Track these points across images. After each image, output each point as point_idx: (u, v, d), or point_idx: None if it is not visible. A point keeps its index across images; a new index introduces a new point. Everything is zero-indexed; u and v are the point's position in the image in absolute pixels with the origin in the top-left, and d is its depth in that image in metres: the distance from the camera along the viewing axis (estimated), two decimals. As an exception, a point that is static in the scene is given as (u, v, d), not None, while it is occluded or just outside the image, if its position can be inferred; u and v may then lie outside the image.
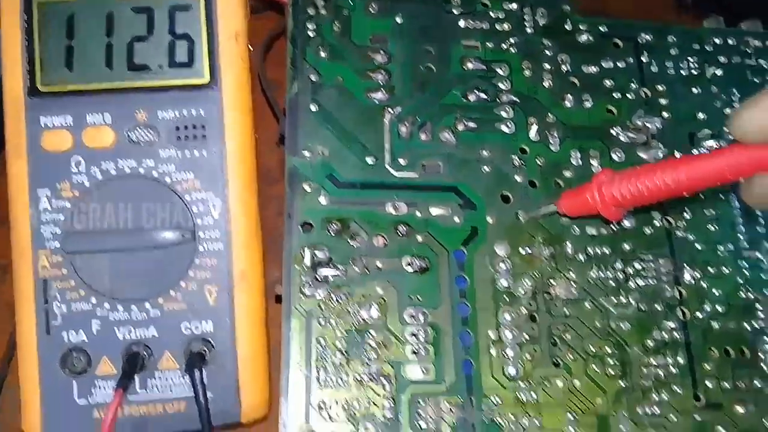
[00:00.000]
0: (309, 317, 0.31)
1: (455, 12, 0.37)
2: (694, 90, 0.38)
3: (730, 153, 0.26)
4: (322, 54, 0.35)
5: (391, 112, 0.34)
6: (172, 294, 0.32)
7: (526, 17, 0.38)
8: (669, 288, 0.35)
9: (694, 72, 0.39)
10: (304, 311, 0.31)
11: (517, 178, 0.35)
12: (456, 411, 0.31)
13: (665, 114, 0.37)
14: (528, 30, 0.37)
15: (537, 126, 0.36)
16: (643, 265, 0.35)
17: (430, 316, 0.32)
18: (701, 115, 0.38)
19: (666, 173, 0.27)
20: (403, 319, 0.31)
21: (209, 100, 0.33)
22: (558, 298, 0.33)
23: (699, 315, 0.34)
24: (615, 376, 0.33)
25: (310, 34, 0.35)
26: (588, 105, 0.37)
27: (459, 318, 0.32)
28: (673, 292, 0.35)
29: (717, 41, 0.40)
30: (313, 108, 0.33)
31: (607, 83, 0.37)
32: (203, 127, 0.33)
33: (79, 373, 0.32)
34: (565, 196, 0.32)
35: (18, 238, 0.32)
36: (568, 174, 0.35)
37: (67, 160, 0.32)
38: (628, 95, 0.37)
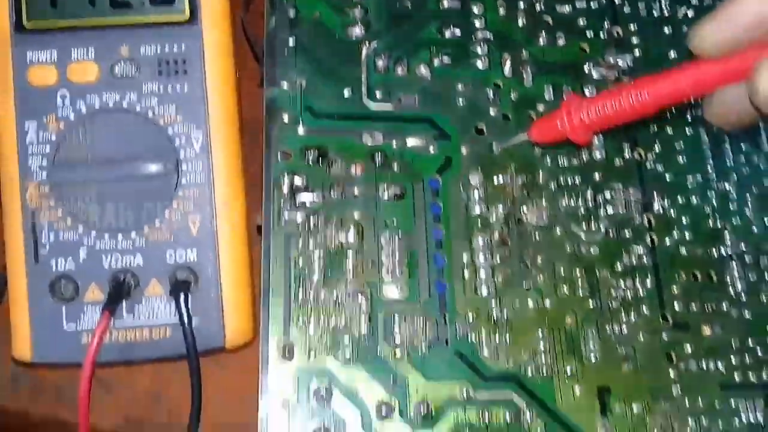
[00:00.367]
0: (288, 238, 0.32)
1: (433, -51, 0.38)
2: (666, 30, 0.39)
3: (691, 69, 0.27)
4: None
5: (368, 47, 0.35)
6: (156, 224, 0.33)
7: (502, -43, 0.38)
8: (638, 216, 0.36)
9: (665, 13, 0.40)
10: (283, 234, 0.32)
11: (491, 112, 0.36)
12: (430, 328, 0.32)
13: (636, 52, 0.38)
14: (502, -31, 0.38)
15: (511, 62, 0.37)
16: (613, 194, 0.36)
17: (405, 240, 0.33)
18: (672, 54, 0.39)
19: (631, 93, 0.28)
20: (379, 242, 0.33)
21: (190, 37, 0.34)
22: (529, 225, 0.34)
23: (667, 241, 0.35)
24: (584, 298, 0.34)
25: (288, -31, 0.36)
26: (561, 43, 0.38)
27: (433, 242, 0.33)
28: (642, 220, 0.36)
29: (688, -18, 0.40)
30: (291, 43, 0.34)
31: (580, 22, 0.38)
32: (184, 62, 0.34)
33: (67, 300, 0.33)
34: (535, 124, 0.33)
35: (6, 171, 0.33)
36: (541, 108, 0.36)
37: (52, 95, 0.33)
38: (600, 34, 0.38)
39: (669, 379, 0.33)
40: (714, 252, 0.36)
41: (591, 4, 0.39)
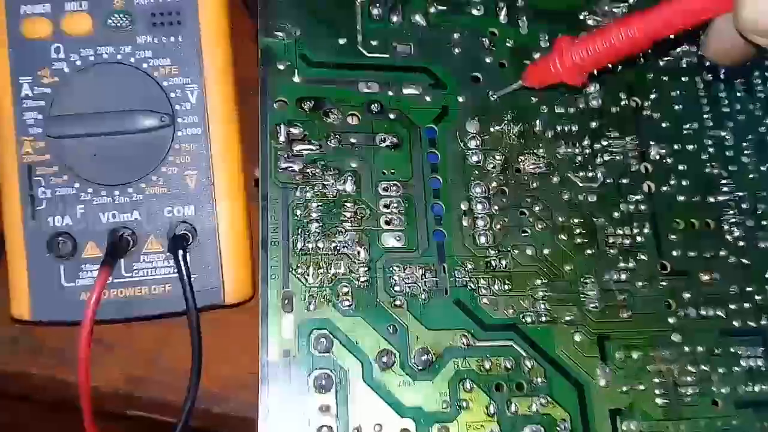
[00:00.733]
0: (285, 188, 0.32)
1: None
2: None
3: (678, 1, 0.27)
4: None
5: (362, -6, 0.35)
6: (153, 179, 0.33)
7: None
8: (635, 163, 0.36)
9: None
10: (281, 183, 0.32)
11: (487, 60, 0.35)
12: (429, 276, 0.32)
13: (631, 0, 0.38)
14: None
15: (506, 10, 0.36)
16: (610, 141, 0.36)
17: (403, 189, 0.33)
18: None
19: (621, 29, 0.28)
20: (376, 191, 0.32)
21: (183, -13, 0.34)
22: (527, 173, 0.34)
23: (664, 188, 0.35)
24: (582, 245, 0.34)
25: None
26: (557, -9, 0.37)
27: (431, 191, 0.33)
28: (639, 167, 0.36)
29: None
30: (286, -9, 0.34)
31: (576, -29, 0.38)
32: (178, 14, 0.34)
33: (65, 257, 0.32)
34: (529, 69, 0.33)
35: (1, 126, 0.33)
36: (536, 56, 0.36)
37: (47, 48, 0.33)
38: (597, -17, 0.38)
39: (668, 325, 0.33)
40: (711, 199, 0.36)
41: (586, -47, 0.38)
